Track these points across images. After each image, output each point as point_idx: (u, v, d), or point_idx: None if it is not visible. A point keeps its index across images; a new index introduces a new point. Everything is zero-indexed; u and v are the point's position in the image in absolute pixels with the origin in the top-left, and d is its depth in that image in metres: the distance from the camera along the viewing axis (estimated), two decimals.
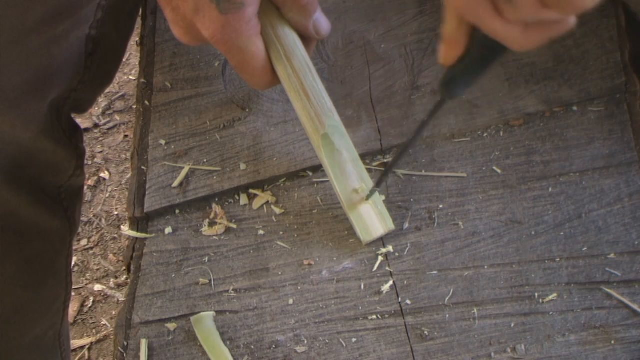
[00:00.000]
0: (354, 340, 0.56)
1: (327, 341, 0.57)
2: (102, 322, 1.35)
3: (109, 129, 1.63)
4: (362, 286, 0.59)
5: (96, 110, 1.64)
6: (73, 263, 1.42)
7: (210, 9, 0.51)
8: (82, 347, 1.32)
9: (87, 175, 1.54)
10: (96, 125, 1.63)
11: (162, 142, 0.70)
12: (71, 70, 0.66)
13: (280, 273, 0.61)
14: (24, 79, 0.61)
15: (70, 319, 1.35)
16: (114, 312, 1.36)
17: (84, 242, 1.45)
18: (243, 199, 0.66)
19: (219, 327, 0.59)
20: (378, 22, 0.73)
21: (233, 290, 0.61)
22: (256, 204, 0.65)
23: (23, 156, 0.63)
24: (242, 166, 0.67)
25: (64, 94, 0.66)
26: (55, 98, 0.65)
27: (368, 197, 0.59)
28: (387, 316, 0.57)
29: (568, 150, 0.62)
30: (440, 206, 0.61)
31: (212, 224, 0.65)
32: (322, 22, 0.58)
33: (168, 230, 0.65)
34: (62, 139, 0.67)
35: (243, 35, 0.54)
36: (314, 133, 0.59)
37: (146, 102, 0.73)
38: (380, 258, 0.60)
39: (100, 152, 1.59)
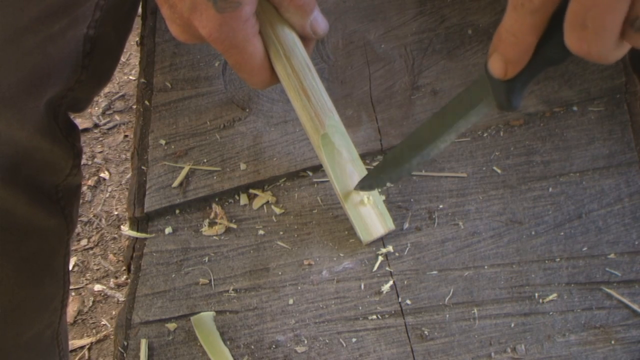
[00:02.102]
0: (354, 340, 0.56)
1: (327, 341, 0.57)
2: (102, 322, 1.35)
3: (109, 129, 1.63)
4: (362, 286, 0.59)
5: (96, 110, 1.64)
6: (73, 263, 1.42)
7: (207, 7, 0.51)
8: (82, 347, 1.32)
9: (87, 175, 1.54)
10: (96, 125, 1.63)
11: (162, 142, 0.70)
12: (68, 69, 0.66)
13: (280, 273, 0.61)
14: (20, 78, 0.61)
15: (70, 319, 1.35)
16: (114, 312, 1.36)
17: (84, 242, 1.45)
18: (243, 199, 0.66)
19: (219, 327, 0.59)
20: (378, 22, 0.73)
21: (233, 290, 0.61)
22: (256, 204, 0.65)
23: (19, 155, 0.63)
24: (242, 166, 0.67)
25: (60, 93, 0.66)
26: (51, 97, 0.65)
27: (360, 187, 0.59)
28: (387, 316, 0.57)
29: (568, 150, 0.62)
30: (440, 206, 0.61)
31: (212, 224, 0.65)
32: (319, 22, 0.58)
33: (168, 230, 0.65)
34: (59, 138, 0.67)
35: (240, 35, 0.54)
36: (314, 133, 0.59)
37: (146, 102, 0.73)
38: (380, 258, 0.59)
39: (100, 152, 1.59)
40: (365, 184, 0.59)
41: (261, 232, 0.63)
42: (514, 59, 0.42)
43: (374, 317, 0.57)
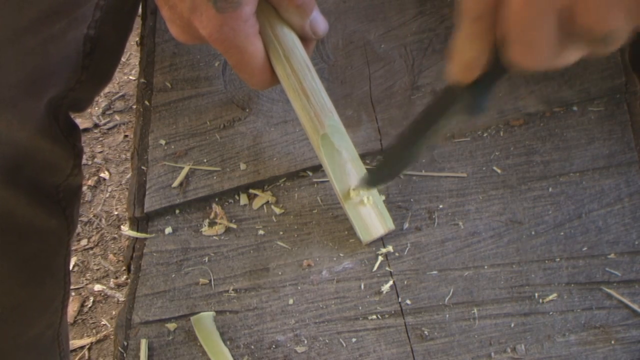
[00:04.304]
0: (354, 340, 0.56)
1: (327, 341, 0.57)
2: (102, 322, 1.35)
3: (109, 129, 1.63)
4: (362, 286, 0.59)
5: (96, 110, 1.64)
6: (73, 263, 1.42)
7: (207, 7, 0.51)
8: (82, 347, 1.32)
9: (87, 176, 1.54)
10: (96, 125, 1.63)
11: (162, 142, 0.70)
12: (68, 69, 0.66)
13: (280, 273, 0.61)
14: (21, 79, 0.61)
15: (70, 319, 1.35)
16: (114, 312, 1.36)
17: (84, 242, 1.45)
18: (243, 199, 0.66)
19: (219, 327, 0.59)
20: (378, 22, 0.73)
21: (233, 290, 0.61)
22: (256, 204, 0.65)
23: (20, 156, 0.63)
24: (242, 166, 0.67)
25: (61, 93, 0.66)
26: (52, 97, 0.65)
27: (361, 186, 0.59)
28: (387, 316, 0.57)
29: (568, 150, 0.62)
30: (440, 206, 0.61)
31: (212, 224, 0.65)
32: (319, 22, 0.58)
33: (168, 230, 0.65)
34: (60, 139, 0.67)
35: (241, 34, 0.54)
36: (314, 133, 0.59)
37: (146, 102, 0.73)
38: (380, 258, 0.60)
39: (100, 152, 1.59)
40: (363, 183, 0.59)
41: (261, 232, 0.63)
42: (467, 64, 0.42)
43: (374, 317, 0.57)
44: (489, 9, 0.38)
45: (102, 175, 1.55)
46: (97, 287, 1.39)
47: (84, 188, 1.52)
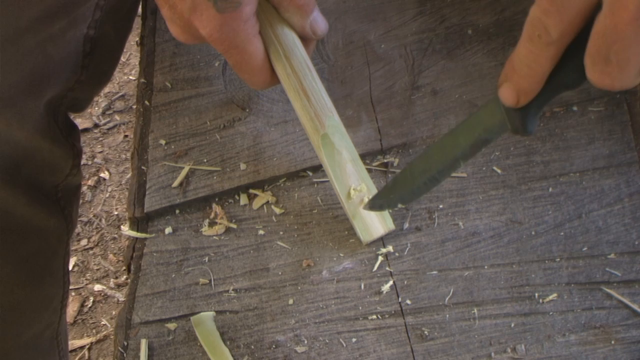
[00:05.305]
0: (354, 340, 0.56)
1: (327, 341, 0.57)
2: (102, 322, 1.35)
3: (109, 129, 1.63)
4: (362, 286, 0.59)
5: (96, 110, 1.64)
6: (73, 263, 1.42)
7: (207, 7, 0.52)
8: (82, 347, 1.32)
9: (87, 175, 1.54)
10: (96, 125, 1.63)
11: (162, 142, 0.70)
12: (68, 69, 0.66)
13: (280, 273, 0.61)
14: (20, 78, 0.61)
15: (70, 319, 1.35)
16: (114, 312, 1.36)
17: (84, 242, 1.45)
18: (243, 199, 0.66)
19: (219, 327, 0.59)
20: (378, 22, 0.73)
21: (233, 290, 0.61)
22: (256, 204, 0.65)
23: (19, 155, 0.63)
24: (242, 166, 0.67)
25: (60, 93, 0.66)
26: (51, 97, 0.65)
27: (370, 207, 0.58)
28: (387, 316, 0.57)
29: (568, 150, 0.62)
30: (440, 206, 0.61)
31: (212, 224, 0.65)
32: (319, 22, 0.58)
33: (168, 230, 0.65)
34: (59, 138, 0.67)
35: (241, 34, 0.54)
36: (314, 133, 0.59)
37: (146, 102, 0.73)
38: (380, 258, 0.60)
39: (100, 152, 1.59)
40: (375, 204, 0.58)
41: (261, 232, 0.63)
42: (527, 89, 0.42)
43: (374, 317, 0.57)
44: (572, 31, 0.37)
45: (102, 175, 1.55)
46: (97, 287, 1.39)
47: (84, 188, 1.52)
